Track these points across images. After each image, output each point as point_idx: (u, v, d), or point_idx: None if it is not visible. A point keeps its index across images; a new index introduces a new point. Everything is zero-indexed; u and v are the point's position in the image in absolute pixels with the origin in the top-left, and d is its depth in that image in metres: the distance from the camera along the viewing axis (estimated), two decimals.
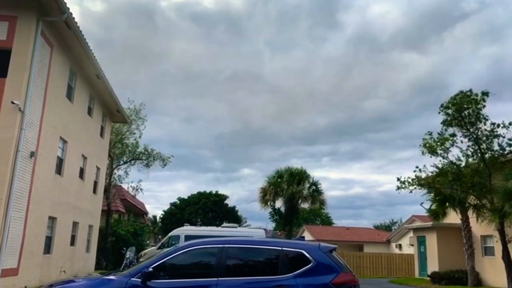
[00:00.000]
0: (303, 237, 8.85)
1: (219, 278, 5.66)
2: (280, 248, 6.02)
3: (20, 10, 12.04)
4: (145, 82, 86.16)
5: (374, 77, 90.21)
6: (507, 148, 16.65)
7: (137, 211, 41.34)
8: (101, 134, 21.17)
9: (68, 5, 12.07)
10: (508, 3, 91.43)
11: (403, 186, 17.74)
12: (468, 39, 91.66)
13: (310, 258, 5.85)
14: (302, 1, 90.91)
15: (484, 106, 16.68)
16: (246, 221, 50.98)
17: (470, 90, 16.89)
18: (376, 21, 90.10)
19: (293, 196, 30.74)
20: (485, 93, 16.67)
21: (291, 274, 5.70)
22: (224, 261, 5.85)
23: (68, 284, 5.95)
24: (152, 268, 5.68)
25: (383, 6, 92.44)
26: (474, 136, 16.82)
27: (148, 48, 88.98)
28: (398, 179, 17.72)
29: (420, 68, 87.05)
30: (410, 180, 17.78)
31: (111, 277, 5.92)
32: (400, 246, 38.67)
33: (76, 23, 13.13)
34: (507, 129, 16.53)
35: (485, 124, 16.77)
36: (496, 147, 16.85)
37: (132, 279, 5.61)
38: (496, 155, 16.83)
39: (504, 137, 16.64)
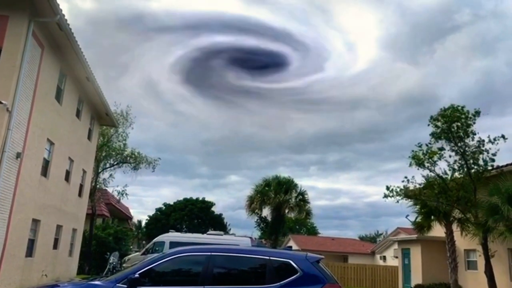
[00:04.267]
0: (290, 246, 8.87)
1: (206, 286, 5.64)
2: (267, 258, 6.03)
3: (12, 10, 11.92)
4: (131, 84, 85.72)
5: (364, 87, 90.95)
6: (490, 163, 16.86)
7: (122, 216, 41.00)
8: (89, 137, 20.98)
9: (61, 7, 12.02)
10: (502, 17, 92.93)
11: (390, 195, 17.79)
12: (460, 51, 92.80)
13: (297, 268, 5.88)
14: (295, 7, 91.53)
15: (474, 123, 16.90)
16: (230, 229, 50.78)
17: (463, 107, 17.03)
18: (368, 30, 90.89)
19: (280, 205, 30.74)
20: (477, 112, 16.90)
21: (278, 283, 5.71)
22: (211, 269, 5.84)
23: None
24: (139, 274, 5.65)
25: (376, 16, 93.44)
26: (461, 150, 17.03)
27: (136, 50, 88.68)
28: (387, 188, 17.78)
29: (410, 79, 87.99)
30: (398, 189, 17.85)
31: (97, 282, 5.86)
32: (384, 258, 38.85)
33: (68, 25, 13.05)
34: (492, 143, 16.75)
35: (472, 139, 16.97)
36: (481, 162, 17.07)
37: (117, 284, 5.57)
38: (481, 170, 17.05)
39: (488, 152, 16.86)
